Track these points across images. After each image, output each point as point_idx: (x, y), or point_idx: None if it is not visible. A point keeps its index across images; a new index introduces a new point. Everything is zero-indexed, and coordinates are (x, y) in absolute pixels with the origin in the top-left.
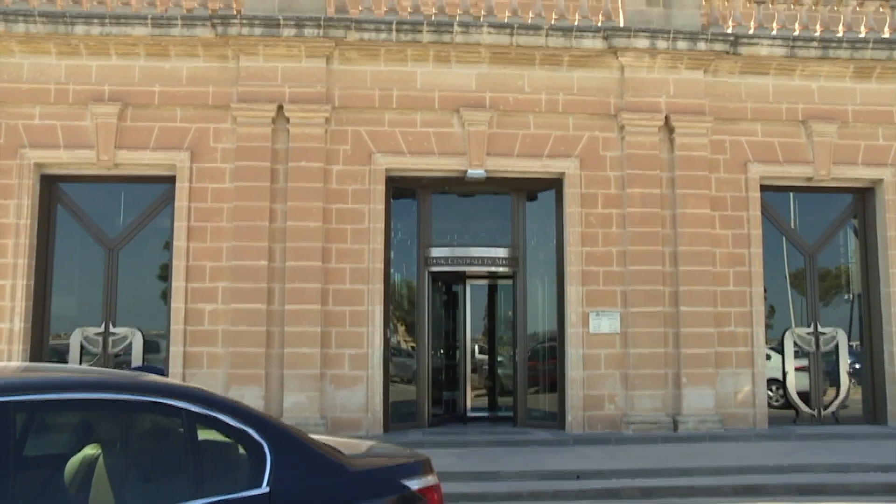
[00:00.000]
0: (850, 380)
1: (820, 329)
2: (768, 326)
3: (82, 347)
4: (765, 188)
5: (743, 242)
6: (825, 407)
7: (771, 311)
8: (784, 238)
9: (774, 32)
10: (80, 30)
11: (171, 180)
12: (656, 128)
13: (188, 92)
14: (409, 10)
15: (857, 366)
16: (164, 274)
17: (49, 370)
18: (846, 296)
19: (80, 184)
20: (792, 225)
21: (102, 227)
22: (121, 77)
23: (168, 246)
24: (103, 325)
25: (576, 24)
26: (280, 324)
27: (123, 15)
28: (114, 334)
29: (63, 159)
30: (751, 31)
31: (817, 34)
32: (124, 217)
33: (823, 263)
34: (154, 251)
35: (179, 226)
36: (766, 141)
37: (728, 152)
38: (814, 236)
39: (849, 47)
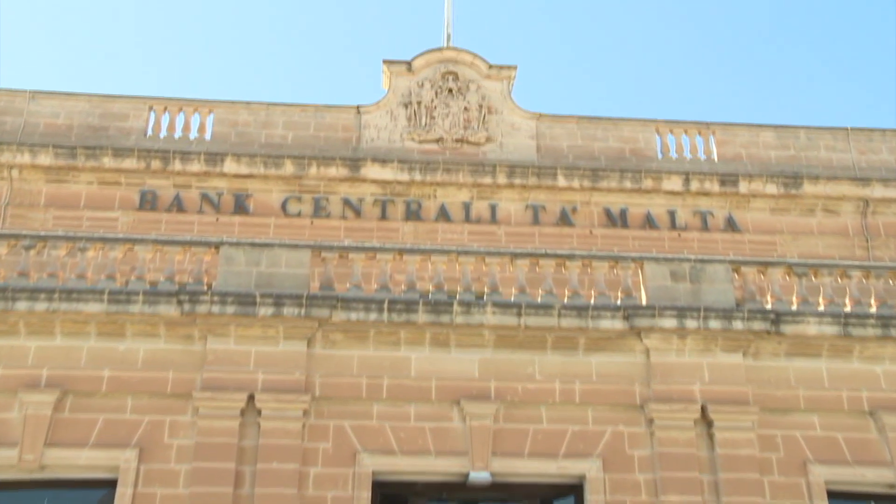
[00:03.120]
0: None
1: None
2: None
3: None
4: (834, 495)
5: None
6: None
7: None
8: None
9: (822, 308)
10: (22, 305)
11: (111, 484)
12: (691, 421)
13: (143, 378)
14: (403, 286)
15: None
16: None
17: None
18: None
19: None
20: None
21: None
22: (64, 360)
23: None
24: None
25: (592, 302)
26: None
27: (76, 289)
28: None
29: None
30: (794, 308)
31: (873, 310)
32: None
33: None
34: None
35: None
36: (828, 435)
37: (781, 450)
38: None
39: None
